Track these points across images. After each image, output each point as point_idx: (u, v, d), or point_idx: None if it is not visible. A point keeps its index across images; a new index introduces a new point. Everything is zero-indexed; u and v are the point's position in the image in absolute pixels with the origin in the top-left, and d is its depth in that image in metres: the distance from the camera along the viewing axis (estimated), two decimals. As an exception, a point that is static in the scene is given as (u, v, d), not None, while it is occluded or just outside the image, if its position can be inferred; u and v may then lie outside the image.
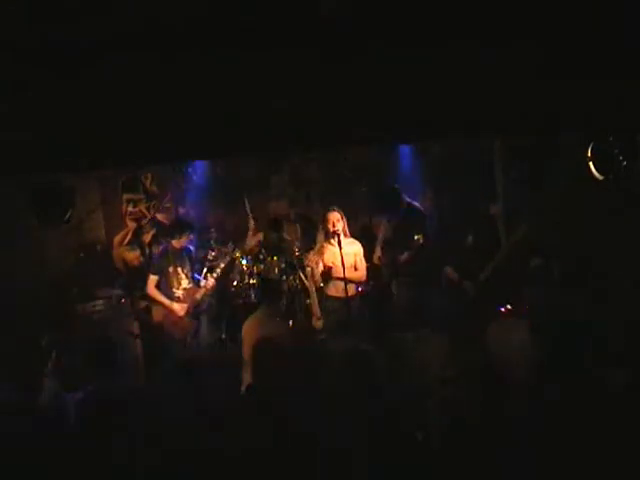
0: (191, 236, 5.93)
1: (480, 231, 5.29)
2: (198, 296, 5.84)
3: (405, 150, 6.80)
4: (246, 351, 4.60)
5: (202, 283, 5.90)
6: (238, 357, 4.76)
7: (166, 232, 6.07)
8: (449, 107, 4.06)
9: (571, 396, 2.92)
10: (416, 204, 6.20)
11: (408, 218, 6.07)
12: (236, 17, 3.61)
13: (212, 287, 5.94)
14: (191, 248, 6.01)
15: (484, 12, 3.75)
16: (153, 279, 5.75)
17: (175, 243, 5.80)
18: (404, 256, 5.98)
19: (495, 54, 3.88)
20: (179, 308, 5.71)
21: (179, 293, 5.78)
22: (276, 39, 3.69)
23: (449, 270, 5.44)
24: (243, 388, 4.46)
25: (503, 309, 5.51)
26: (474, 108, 4.07)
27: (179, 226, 5.96)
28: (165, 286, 5.75)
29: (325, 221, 5.49)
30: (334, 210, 5.48)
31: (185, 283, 5.81)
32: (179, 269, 5.79)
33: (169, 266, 5.76)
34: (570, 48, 3.87)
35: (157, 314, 5.82)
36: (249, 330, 4.68)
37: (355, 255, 5.57)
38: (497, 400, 2.94)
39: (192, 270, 5.93)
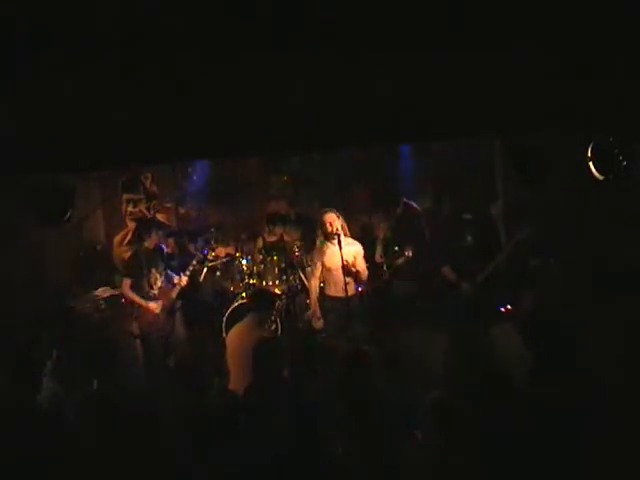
0: (160, 235, 5.92)
1: (479, 231, 5.27)
2: (173, 294, 5.86)
3: (405, 150, 6.80)
4: (229, 357, 4.60)
5: (175, 280, 5.90)
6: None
7: (136, 234, 6.06)
8: (449, 107, 4.06)
9: (570, 396, 2.93)
10: (412, 204, 6.20)
11: (404, 218, 6.07)
12: (236, 17, 3.62)
13: (186, 285, 5.95)
14: (163, 247, 6.02)
15: (484, 13, 3.76)
16: (127, 281, 5.77)
17: (146, 244, 5.80)
18: (401, 260, 5.99)
19: (495, 54, 3.88)
20: (155, 306, 5.73)
21: (154, 293, 5.80)
22: (276, 39, 3.69)
23: (446, 270, 5.42)
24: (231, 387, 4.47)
25: (503, 309, 5.51)
26: (474, 108, 4.06)
27: (146, 226, 5.95)
28: (140, 287, 5.75)
29: (322, 222, 5.48)
30: (329, 211, 5.46)
31: (159, 282, 5.83)
32: (152, 269, 5.80)
33: (142, 267, 5.76)
34: (570, 48, 3.87)
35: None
36: (234, 338, 4.67)
37: (355, 255, 5.57)
38: (496, 400, 2.93)
39: (165, 269, 5.93)
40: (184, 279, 5.90)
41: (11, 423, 3.24)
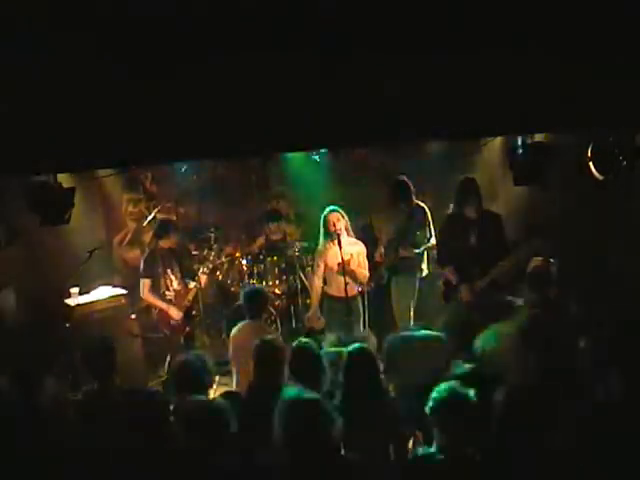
0: (177, 235, 5.88)
1: (484, 233, 5.23)
2: (190, 297, 5.84)
3: (405, 150, 6.80)
4: (233, 357, 4.60)
5: (191, 285, 5.88)
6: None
7: (154, 233, 5.99)
8: (449, 107, 4.06)
9: (570, 399, 2.92)
10: (421, 204, 6.20)
11: (414, 217, 6.06)
12: (236, 18, 3.62)
13: (202, 288, 5.93)
14: (176, 248, 5.96)
15: (484, 13, 3.76)
16: (146, 283, 5.68)
17: (162, 243, 5.76)
18: (406, 252, 5.95)
19: (495, 54, 3.88)
20: (176, 313, 5.69)
21: (170, 295, 5.76)
22: (275, 39, 3.69)
23: (449, 271, 5.40)
24: (236, 388, 4.48)
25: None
26: (474, 108, 4.07)
27: (163, 226, 5.88)
28: (157, 288, 5.72)
29: (325, 222, 5.48)
30: (334, 211, 5.46)
31: (175, 284, 5.80)
32: (168, 270, 5.76)
33: (159, 268, 5.72)
34: (570, 48, 3.87)
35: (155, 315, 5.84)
36: (236, 338, 4.66)
37: (357, 255, 5.57)
38: (496, 400, 2.93)
39: (181, 271, 5.89)
40: (203, 278, 5.86)
41: (11, 423, 3.24)
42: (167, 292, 5.74)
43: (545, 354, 3.34)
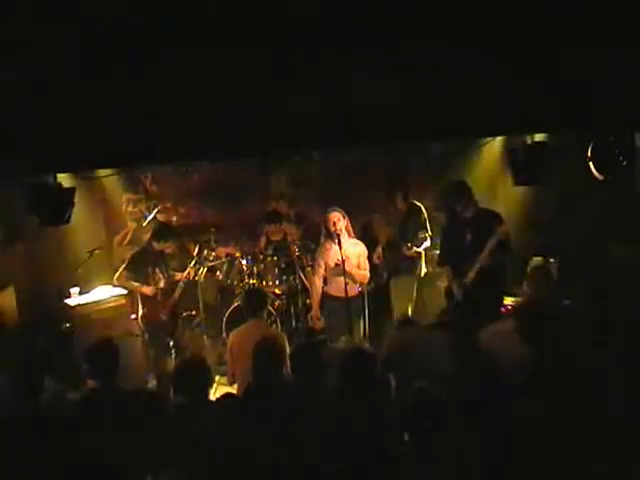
0: (171, 245, 5.93)
1: (478, 232, 5.22)
2: (176, 295, 5.88)
3: (405, 150, 6.82)
4: (232, 359, 4.59)
5: (177, 277, 5.95)
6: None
7: (151, 234, 6.04)
8: (449, 107, 4.06)
9: (567, 397, 2.92)
10: (418, 203, 6.21)
11: (413, 217, 6.08)
12: (236, 17, 3.63)
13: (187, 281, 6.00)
14: (166, 252, 6.03)
15: (484, 11, 3.77)
16: (123, 272, 5.76)
17: (156, 246, 5.81)
18: (408, 251, 5.98)
19: (495, 54, 3.89)
20: (149, 289, 5.74)
21: (158, 292, 5.81)
22: (275, 39, 3.70)
23: (446, 270, 5.40)
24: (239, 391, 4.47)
25: (503, 309, 5.49)
26: (474, 108, 4.07)
27: (162, 233, 5.94)
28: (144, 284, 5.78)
29: (326, 221, 5.48)
30: (334, 210, 5.47)
31: (162, 283, 5.84)
32: (157, 269, 5.81)
33: (147, 266, 5.77)
34: (569, 48, 3.88)
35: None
36: (237, 339, 4.65)
37: (358, 256, 5.57)
38: (493, 400, 2.93)
39: (168, 269, 5.96)
40: (187, 272, 5.92)
41: (11, 423, 3.24)
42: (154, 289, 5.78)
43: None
